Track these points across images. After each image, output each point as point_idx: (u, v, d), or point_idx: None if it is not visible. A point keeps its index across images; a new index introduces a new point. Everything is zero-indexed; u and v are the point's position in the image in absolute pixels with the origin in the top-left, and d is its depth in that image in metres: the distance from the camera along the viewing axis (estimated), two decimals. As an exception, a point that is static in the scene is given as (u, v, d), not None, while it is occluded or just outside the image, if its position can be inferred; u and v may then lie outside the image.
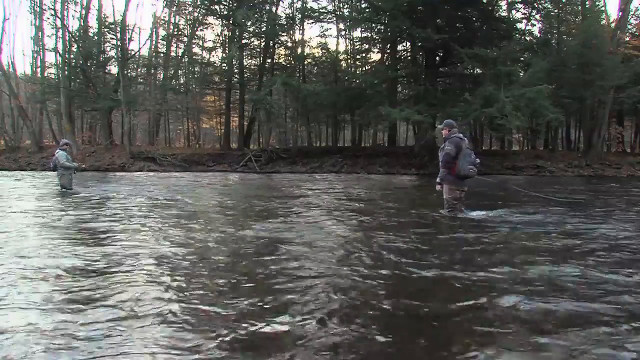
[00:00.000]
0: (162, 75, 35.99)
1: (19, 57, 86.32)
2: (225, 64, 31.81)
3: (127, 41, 32.25)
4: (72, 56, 31.40)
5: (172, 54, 36.12)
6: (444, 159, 6.61)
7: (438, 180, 6.81)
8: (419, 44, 25.76)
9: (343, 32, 33.99)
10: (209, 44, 34.79)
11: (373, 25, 29.24)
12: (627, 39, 28.16)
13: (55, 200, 9.30)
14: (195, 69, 35.38)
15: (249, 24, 29.60)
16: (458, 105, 22.31)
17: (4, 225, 5.78)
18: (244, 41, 30.83)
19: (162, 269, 3.65)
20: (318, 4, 32.15)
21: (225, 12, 30.57)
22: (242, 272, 3.57)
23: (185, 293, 3.03)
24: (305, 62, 33.28)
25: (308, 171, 24.23)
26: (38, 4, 32.39)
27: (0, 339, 2.22)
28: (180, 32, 35.92)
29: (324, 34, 33.99)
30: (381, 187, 13.92)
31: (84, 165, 12.41)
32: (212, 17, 32.49)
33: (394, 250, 4.38)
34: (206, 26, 34.12)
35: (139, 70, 36.89)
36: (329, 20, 32.12)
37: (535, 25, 30.00)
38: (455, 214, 6.65)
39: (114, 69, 33.70)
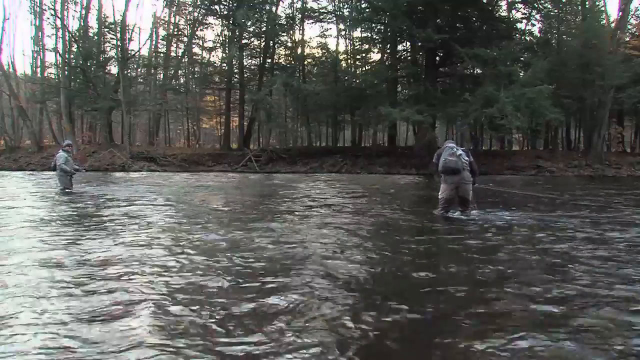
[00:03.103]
0: (162, 75, 36.02)
1: (19, 57, 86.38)
2: (225, 64, 31.86)
3: (127, 41, 32.35)
4: (72, 56, 31.43)
5: (172, 54, 36.17)
6: (432, 167, 7.20)
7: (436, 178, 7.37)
8: (419, 44, 25.79)
9: (343, 32, 34.06)
10: (209, 44, 34.90)
11: (373, 25, 29.27)
12: (627, 39, 28.16)
13: (53, 199, 9.30)
14: (195, 69, 35.44)
15: (249, 24, 29.64)
16: (458, 105, 22.33)
17: None
18: (244, 41, 30.86)
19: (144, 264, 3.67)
20: (318, 4, 32.26)
21: (225, 12, 30.60)
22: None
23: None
24: (305, 62, 33.31)
25: (308, 171, 24.25)
26: (38, 4, 32.45)
27: None
28: (180, 32, 35.98)
29: (324, 34, 34.10)
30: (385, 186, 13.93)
31: (83, 169, 12.24)
32: (212, 17, 32.57)
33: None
34: (206, 26, 34.19)
35: (139, 70, 36.92)
36: (329, 20, 32.22)
37: (535, 25, 30.11)
38: (443, 214, 6.75)
39: (114, 69, 33.79)
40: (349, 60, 34.51)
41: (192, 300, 2.87)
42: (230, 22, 30.11)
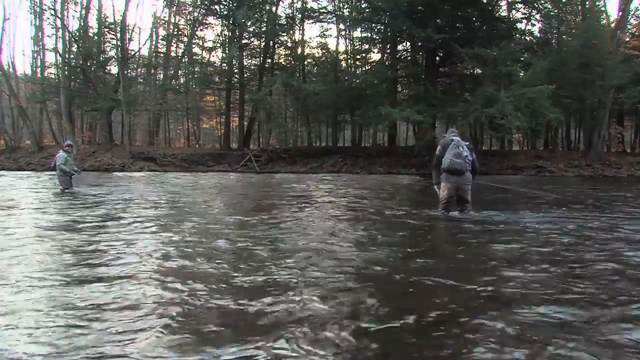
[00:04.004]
0: (162, 75, 36.00)
1: (19, 57, 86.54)
2: (225, 64, 31.84)
3: (127, 41, 32.32)
4: (72, 56, 31.43)
5: (172, 54, 36.13)
6: (433, 162, 6.83)
7: (434, 182, 7.00)
8: (419, 44, 25.81)
9: (343, 32, 34.04)
10: (209, 44, 34.84)
11: (373, 25, 29.26)
12: (627, 39, 28.15)
13: (53, 199, 9.31)
14: (195, 69, 35.39)
15: (249, 24, 29.63)
16: (458, 105, 22.33)
17: None
18: (244, 41, 30.85)
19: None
20: (318, 4, 32.24)
21: (225, 12, 30.59)
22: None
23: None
24: (305, 62, 33.29)
25: (308, 171, 24.23)
26: (38, 4, 32.45)
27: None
28: (180, 32, 35.94)
29: (324, 34, 34.05)
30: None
31: (80, 171, 12.08)
32: (212, 17, 32.54)
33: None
34: (206, 26, 34.16)
35: (139, 70, 36.91)
36: (329, 20, 32.19)
37: (535, 25, 30.10)
38: (444, 213, 6.68)
39: (114, 69, 33.79)
40: (349, 60, 34.50)
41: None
42: (230, 22, 30.10)
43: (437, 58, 26.75)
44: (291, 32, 32.84)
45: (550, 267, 3.65)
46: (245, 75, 32.05)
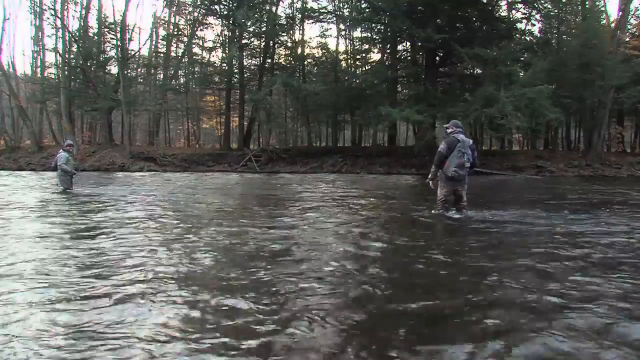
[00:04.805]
0: (162, 75, 35.99)
1: (19, 57, 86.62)
2: (225, 64, 31.83)
3: (127, 41, 32.32)
4: (72, 56, 31.44)
5: (172, 54, 36.12)
6: (435, 158, 6.74)
7: (428, 178, 7.05)
8: (419, 44, 25.80)
9: (343, 32, 34.05)
10: (209, 44, 34.84)
11: (373, 25, 29.26)
12: (627, 39, 28.15)
13: (54, 199, 9.30)
14: (195, 69, 35.40)
15: (249, 24, 29.63)
16: (458, 105, 22.32)
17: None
18: (244, 41, 30.84)
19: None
20: (318, 4, 32.25)
21: (225, 12, 30.58)
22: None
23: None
24: (305, 62, 33.29)
25: (308, 171, 24.22)
26: (38, 4, 32.47)
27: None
28: (180, 32, 35.94)
29: (324, 34, 34.10)
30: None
31: (77, 171, 12.02)
32: (212, 17, 32.54)
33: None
34: (206, 26, 34.16)
35: (139, 70, 36.91)
36: (329, 20, 32.20)
37: (535, 25, 30.08)
38: (442, 213, 6.73)
39: (114, 69, 33.80)
40: (349, 60, 34.50)
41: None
42: (230, 22, 30.09)
43: (437, 58, 26.74)
44: (291, 32, 32.88)
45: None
46: (245, 75, 32.03)
